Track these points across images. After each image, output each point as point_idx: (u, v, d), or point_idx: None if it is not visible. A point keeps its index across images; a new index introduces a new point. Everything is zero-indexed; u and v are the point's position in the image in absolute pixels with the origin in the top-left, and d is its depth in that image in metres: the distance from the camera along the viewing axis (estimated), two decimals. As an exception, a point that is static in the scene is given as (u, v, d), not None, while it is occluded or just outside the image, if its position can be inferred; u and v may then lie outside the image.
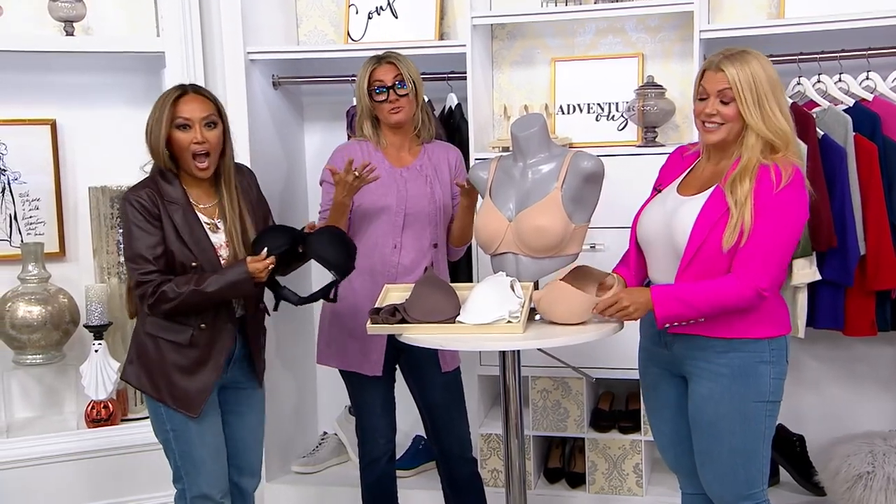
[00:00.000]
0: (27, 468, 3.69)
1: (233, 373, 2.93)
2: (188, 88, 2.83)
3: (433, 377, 3.25)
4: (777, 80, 2.55)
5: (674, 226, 2.58)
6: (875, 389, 3.82)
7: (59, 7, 3.77)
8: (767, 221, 2.45)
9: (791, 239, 2.49)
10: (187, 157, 2.77)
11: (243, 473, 3.05)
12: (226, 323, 2.83)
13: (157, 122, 2.76)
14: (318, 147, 4.23)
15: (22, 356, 3.83)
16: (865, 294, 3.43)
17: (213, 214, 2.85)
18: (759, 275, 2.45)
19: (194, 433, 2.85)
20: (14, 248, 3.91)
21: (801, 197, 2.50)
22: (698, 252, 2.52)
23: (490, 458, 3.90)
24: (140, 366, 2.85)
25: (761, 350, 2.56)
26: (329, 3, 4.23)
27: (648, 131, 3.68)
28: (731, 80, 2.52)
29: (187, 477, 2.90)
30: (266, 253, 2.70)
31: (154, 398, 2.84)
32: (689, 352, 2.62)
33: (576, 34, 3.98)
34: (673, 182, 2.72)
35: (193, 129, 2.75)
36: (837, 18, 3.43)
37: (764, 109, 2.52)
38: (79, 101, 3.97)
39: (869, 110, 3.45)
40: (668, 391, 2.75)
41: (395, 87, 3.16)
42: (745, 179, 2.49)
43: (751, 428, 2.58)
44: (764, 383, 2.56)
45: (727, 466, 2.60)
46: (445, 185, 3.27)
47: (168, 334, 2.80)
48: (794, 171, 2.49)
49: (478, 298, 2.75)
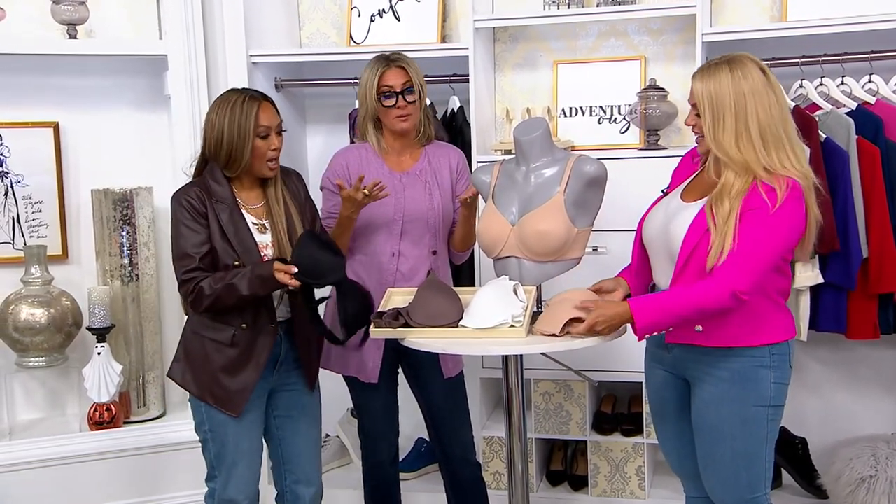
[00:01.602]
0: (30, 471, 3.69)
1: (281, 376, 2.94)
2: (258, 97, 2.86)
3: (436, 381, 3.23)
4: (750, 101, 2.46)
5: (670, 230, 2.58)
6: (878, 392, 3.81)
7: (61, 10, 3.77)
8: (754, 232, 2.42)
9: (777, 248, 2.45)
10: (262, 162, 2.85)
11: (299, 481, 3.04)
12: (267, 324, 2.84)
13: (243, 132, 2.80)
14: (321, 150, 4.23)
15: (25, 359, 3.83)
16: (868, 297, 3.42)
17: (262, 215, 2.90)
18: (734, 277, 2.41)
19: (231, 436, 2.87)
20: (17, 250, 3.92)
21: (797, 211, 2.46)
22: (690, 258, 2.51)
23: (492, 460, 3.90)
24: (185, 363, 2.90)
25: (762, 356, 2.55)
26: (331, 6, 4.23)
27: (651, 134, 3.68)
28: (695, 93, 2.53)
29: (219, 478, 2.92)
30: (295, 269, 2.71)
31: (196, 396, 2.87)
32: (690, 355, 2.62)
33: (578, 37, 3.98)
34: (679, 186, 2.72)
35: (270, 137, 2.84)
36: (840, 21, 3.43)
37: (717, 128, 2.49)
38: (82, 104, 3.98)
39: (872, 113, 3.44)
40: (671, 394, 2.75)
41: (403, 94, 3.11)
42: (725, 200, 2.46)
43: (752, 432, 2.57)
44: (765, 388, 2.55)
45: (729, 470, 2.60)
46: (446, 190, 3.23)
47: (212, 333, 2.84)
48: (789, 185, 2.44)
49: (481, 302, 2.75)
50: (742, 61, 2.51)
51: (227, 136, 2.80)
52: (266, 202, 2.91)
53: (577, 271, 2.98)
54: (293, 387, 2.98)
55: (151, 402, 3.97)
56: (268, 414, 2.98)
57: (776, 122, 2.49)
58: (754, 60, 2.53)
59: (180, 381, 2.92)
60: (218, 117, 2.82)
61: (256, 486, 2.97)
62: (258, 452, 2.96)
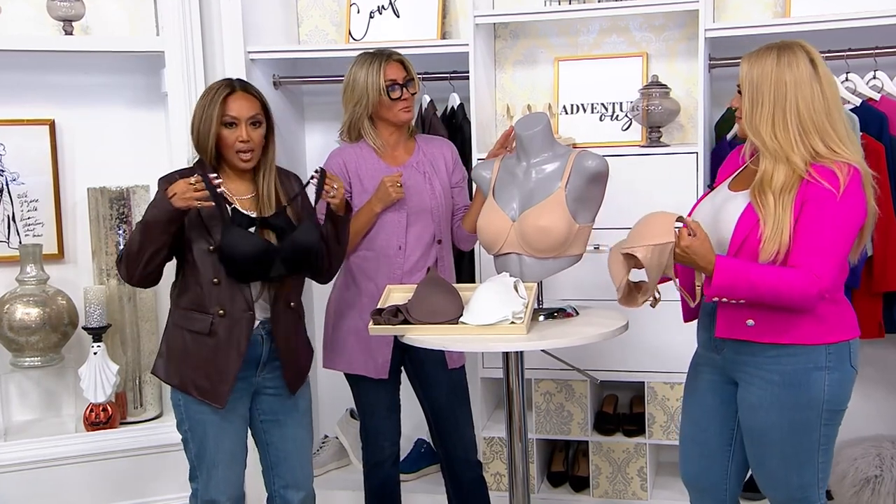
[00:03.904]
0: (25, 472, 3.67)
1: (265, 378, 2.90)
2: (236, 85, 2.83)
3: (438, 376, 3.22)
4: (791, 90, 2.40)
5: (720, 220, 2.51)
6: (883, 392, 3.78)
7: (57, 6, 3.75)
8: (824, 225, 2.34)
9: (849, 242, 2.39)
10: (232, 153, 2.81)
11: (287, 486, 3.00)
12: (243, 311, 2.80)
13: (207, 120, 2.78)
14: (319, 147, 4.20)
15: (20, 358, 3.80)
16: (872, 296, 3.40)
17: (248, 207, 2.86)
18: (823, 275, 2.33)
19: (211, 435, 2.84)
20: (12, 249, 3.89)
21: (860, 199, 2.39)
22: (742, 247, 2.43)
23: (493, 461, 3.87)
24: (168, 358, 2.87)
25: (817, 355, 2.43)
26: (330, 3, 4.21)
27: (653, 131, 3.65)
28: (741, 74, 2.48)
29: (199, 478, 2.89)
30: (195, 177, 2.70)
31: (180, 389, 2.84)
32: (740, 356, 2.52)
33: (579, 33, 3.96)
34: (726, 179, 2.65)
35: (239, 128, 2.79)
36: (844, 17, 3.40)
37: (754, 112, 2.44)
38: (78, 101, 3.95)
39: (876, 110, 3.42)
40: (714, 400, 2.64)
41: (406, 86, 3.17)
42: (767, 192, 2.39)
43: (803, 437, 2.47)
44: (818, 391, 2.43)
45: (779, 473, 2.51)
46: (444, 181, 3.26)
47: (190, 324, 2.81)
48: (851, 170, 2.37)
49: (481, 299, 2.72)
50: (792, 49, 2.44)
51: (195, 123, 2.81)
52: (256, 195, 2.87)
53: (578, 268, 2.96)
54: (278, 389, 2.93)
55: (148, 403, 3.95)
56: (254, 417, 2.95)
57: (819, 114, 2.41)
58: (806, 49, 2.45)
59: (163, 375, 2.89)
60: (197, 106, 2.83)
61: (240, 488, 2.92)
62: (241, 453, 2.92)
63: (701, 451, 2.71)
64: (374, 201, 3.13)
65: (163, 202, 2.67)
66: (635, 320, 2.96)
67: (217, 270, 2.76)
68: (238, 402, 2.86)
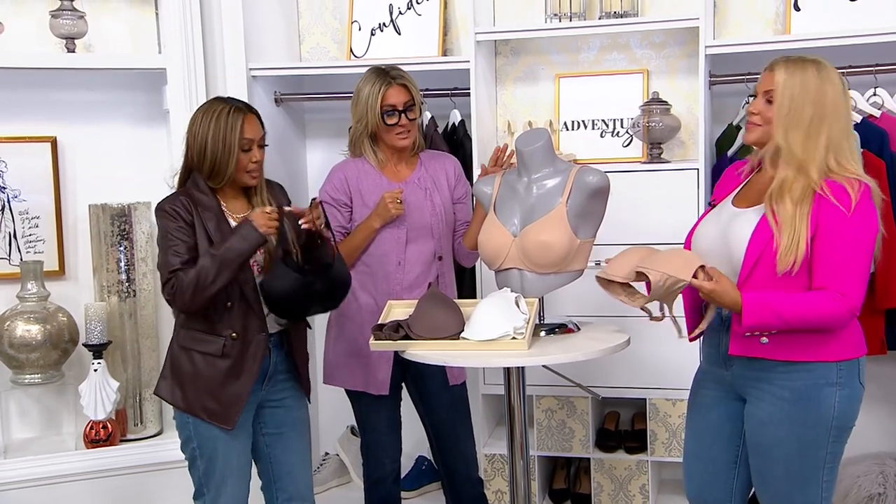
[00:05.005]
0: (25, 489, 3.65)
1: (270, 391, 2.90)
2: (244, 108, 2.83)
3: (440, 392, 3.22)
4: (830, 107, 2.41)
5: (730, 238, 2.48)
6: (886, 409, 3.76)
7: (60, 24, 3.75)
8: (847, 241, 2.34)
9: (869, 256, 2.38)
10: (243, 174, 2.82)
11: (292, 499, 2.99)
12: (257, 332, 2.80)
13: (229, 146, 2.77)
14: (321, 164, 4.20)
15: (20, 375, 3.79)
16: (874, 313, 3.38)
17: None
18: (849, 293, 2.33)
19: (221, 452, 2.82)
20: (13, 266, 3.87)
21: (873, 214, 2.39)
22: (756, 265, 2.41)
23: (494, 478, 3.85)
24: (173, 379, 2.84)
25: (828, 372, 2.42)
26: (332, 20, 4.22)
27: (654, 147, 3.65)
28: (777, 81, 2.44)
29: (207, 496, 2.88)
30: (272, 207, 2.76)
31: (186, 412, 2.81)
32: (751, 372, 2.50)
33: (580, 50, 3.97)
34: (728, 195, 2.63)
35: (252, 150, 2.81)
36: (844, 34, 3.41)
37: (791, 120, 2.41)
38: (80, 119, 3.95)
39: (877, 126, 3.42)
40: (719, 417, 2.63)
41: (405, 112, 3.14)
42: (786, 199, 2.38)
43: (810, 455, 2.45)
44: (827, 408, 2.42)
45: (783, 490, 2.50)
46: (446, 197, 3.25)
47: (201, 346, 2.79)
48: (861, 186, 2.38)
49: (482, 314, 2.72)
50: (826, 66, 2.45)
51: (210, 148, 2.77)
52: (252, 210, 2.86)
53: (579, 284, 2.95)
54: (283, 402, 2.93)
55: (148, 420, 3.93)
56: (256, 431, 2.94)
57: (844, 132, 2.44)
58: (833, 68, 2.48)
59: (169, 398, 2.86)
60: (202, 127, 2.78)
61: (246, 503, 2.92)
62: (247, 468, 2.91)
63: (705, 468, 2.68)
64: (374, 217, 3.13)
65: (251, 234, 2.69)
66: (637, 336, 2.95)
67: (230, 294, 2.76)
68: (244, 416, 2.85)
